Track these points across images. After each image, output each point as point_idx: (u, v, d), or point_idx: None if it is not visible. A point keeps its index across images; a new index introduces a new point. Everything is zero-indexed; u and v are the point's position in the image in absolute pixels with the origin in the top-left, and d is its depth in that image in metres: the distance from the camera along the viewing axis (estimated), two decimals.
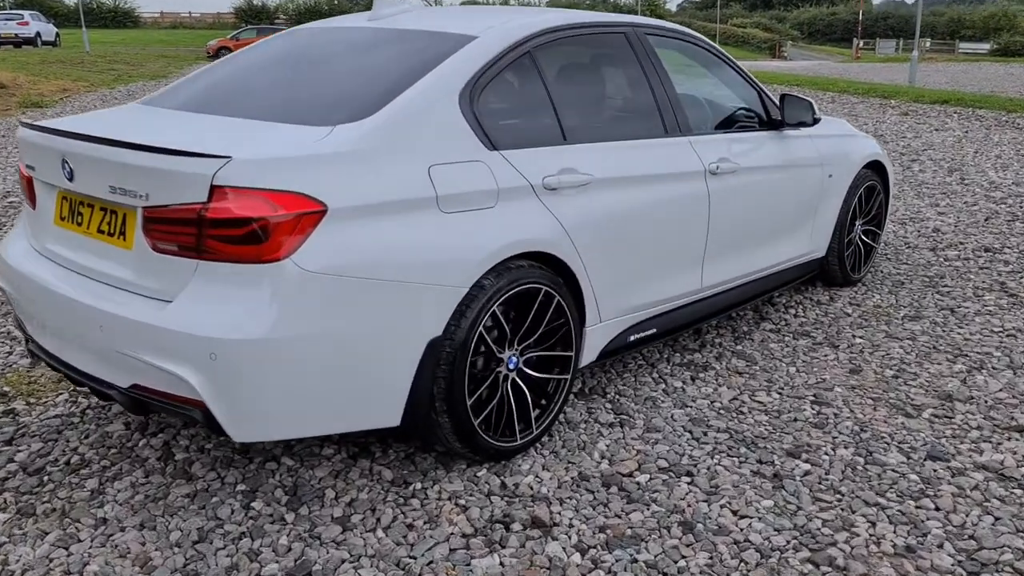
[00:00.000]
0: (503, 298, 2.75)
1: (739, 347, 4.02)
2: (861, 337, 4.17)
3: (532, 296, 2.87)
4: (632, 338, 3.42)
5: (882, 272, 5.26)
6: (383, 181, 2.52)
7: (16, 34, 33.42)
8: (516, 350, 2.89)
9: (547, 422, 3.03)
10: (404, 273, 2.50)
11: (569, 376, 3.08)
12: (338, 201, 2.40)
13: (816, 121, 4.19)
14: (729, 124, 4.05)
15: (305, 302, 2.35)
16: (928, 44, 57.00)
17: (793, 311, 4.56)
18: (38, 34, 34.30)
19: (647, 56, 3.57)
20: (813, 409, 3.37)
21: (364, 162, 2.50)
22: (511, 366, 2.88)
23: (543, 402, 3.02)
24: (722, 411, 3.34)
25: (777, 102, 4.21)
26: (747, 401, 3.43)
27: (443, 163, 2.67)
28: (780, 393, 3.51)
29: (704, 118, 3.98)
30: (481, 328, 2.70)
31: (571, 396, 3.38)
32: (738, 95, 4.15)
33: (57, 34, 36.76)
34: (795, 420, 3.27)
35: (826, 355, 3.94)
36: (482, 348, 2.76)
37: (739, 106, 4.15)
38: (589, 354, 3.24)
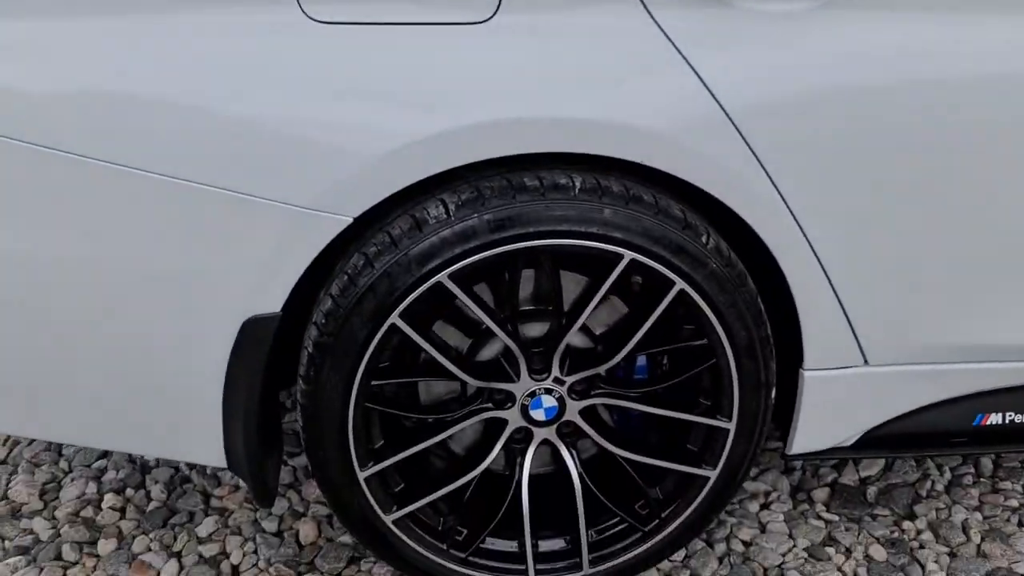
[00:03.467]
0: (492, 257, 1.12)
1: None
2: None
3: (597, 272, 1.16)
4: (992, 421, 1.36)
5: None
6: None
7: None
8: (562, 381, 1.22)
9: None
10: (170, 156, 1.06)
11: (714, 475, 1.27)
12: None
13: None
14: None
15: None
16: None
17: None
18: None
19: None
20: None
21: None
22: (545, 417, 1.23)
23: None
24: None
25: None
26: None
27: None
28: None
29: None
30: (396, 322, 1.12)
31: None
32: None
33: None
34: None
35: None
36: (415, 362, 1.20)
37: None
38: (828, 432, 1.33)
